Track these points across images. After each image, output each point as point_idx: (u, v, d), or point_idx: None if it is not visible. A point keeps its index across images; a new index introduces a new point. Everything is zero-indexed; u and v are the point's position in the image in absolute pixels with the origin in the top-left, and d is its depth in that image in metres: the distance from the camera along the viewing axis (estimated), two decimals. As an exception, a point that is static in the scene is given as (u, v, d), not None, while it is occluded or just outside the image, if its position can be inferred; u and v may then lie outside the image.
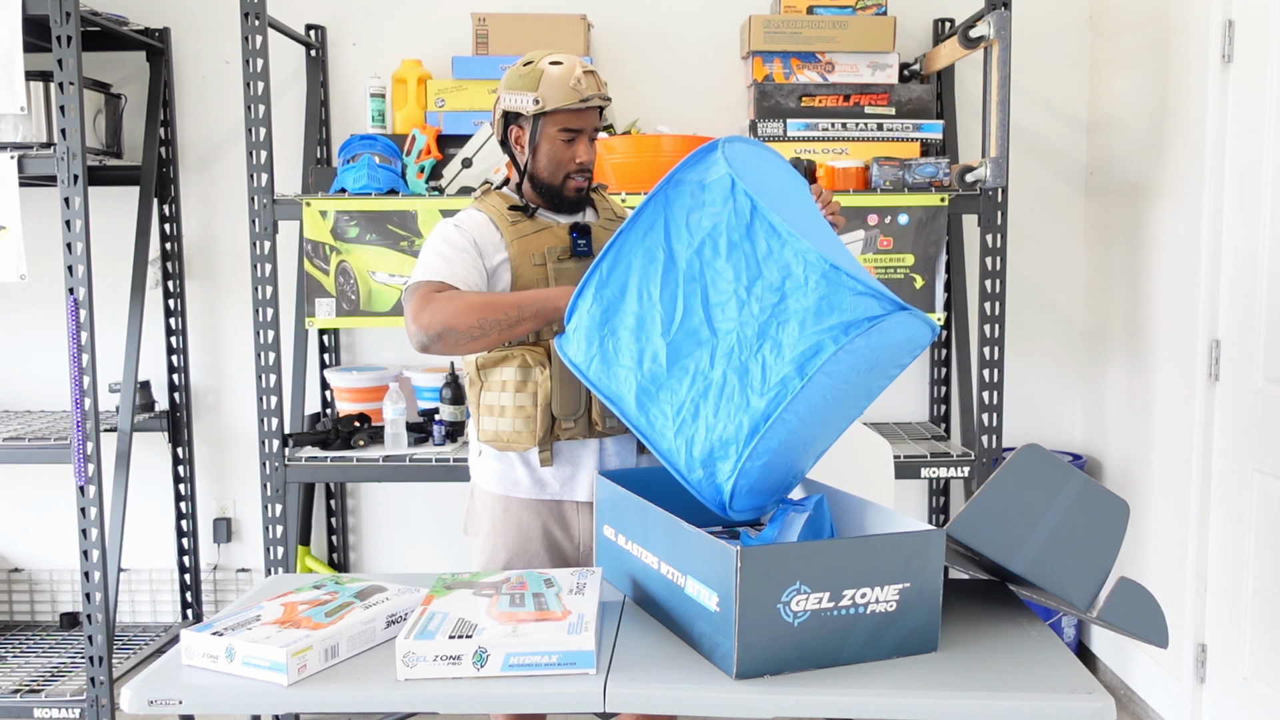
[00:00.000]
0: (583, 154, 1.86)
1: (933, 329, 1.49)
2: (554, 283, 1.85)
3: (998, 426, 2.79)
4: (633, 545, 1.62)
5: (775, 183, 1.57)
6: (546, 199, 1.91)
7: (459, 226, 1.86)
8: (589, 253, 1.88)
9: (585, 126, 1.86)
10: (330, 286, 2.84)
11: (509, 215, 1.88)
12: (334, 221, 2.81)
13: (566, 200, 1.90)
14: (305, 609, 1.49)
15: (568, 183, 1.88)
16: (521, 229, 1.87)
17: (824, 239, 1.52)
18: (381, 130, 3.08)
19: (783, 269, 1.44)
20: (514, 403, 1.86)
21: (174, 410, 3.40)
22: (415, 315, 1.72)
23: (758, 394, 1.44)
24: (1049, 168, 3.35)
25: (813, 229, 1.52)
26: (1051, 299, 3.39)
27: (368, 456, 2.83)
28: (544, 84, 1.82)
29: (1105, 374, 3.25)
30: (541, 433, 1.86)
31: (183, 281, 3.40)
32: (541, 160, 1.87)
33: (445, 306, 1.71)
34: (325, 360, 3.43)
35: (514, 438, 1.87)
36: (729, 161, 1.51)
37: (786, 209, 1.52)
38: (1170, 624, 2.74)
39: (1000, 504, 1.50)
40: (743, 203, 1.49)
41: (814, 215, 1.61)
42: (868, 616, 1.38)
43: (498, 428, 1.88)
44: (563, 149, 1.86)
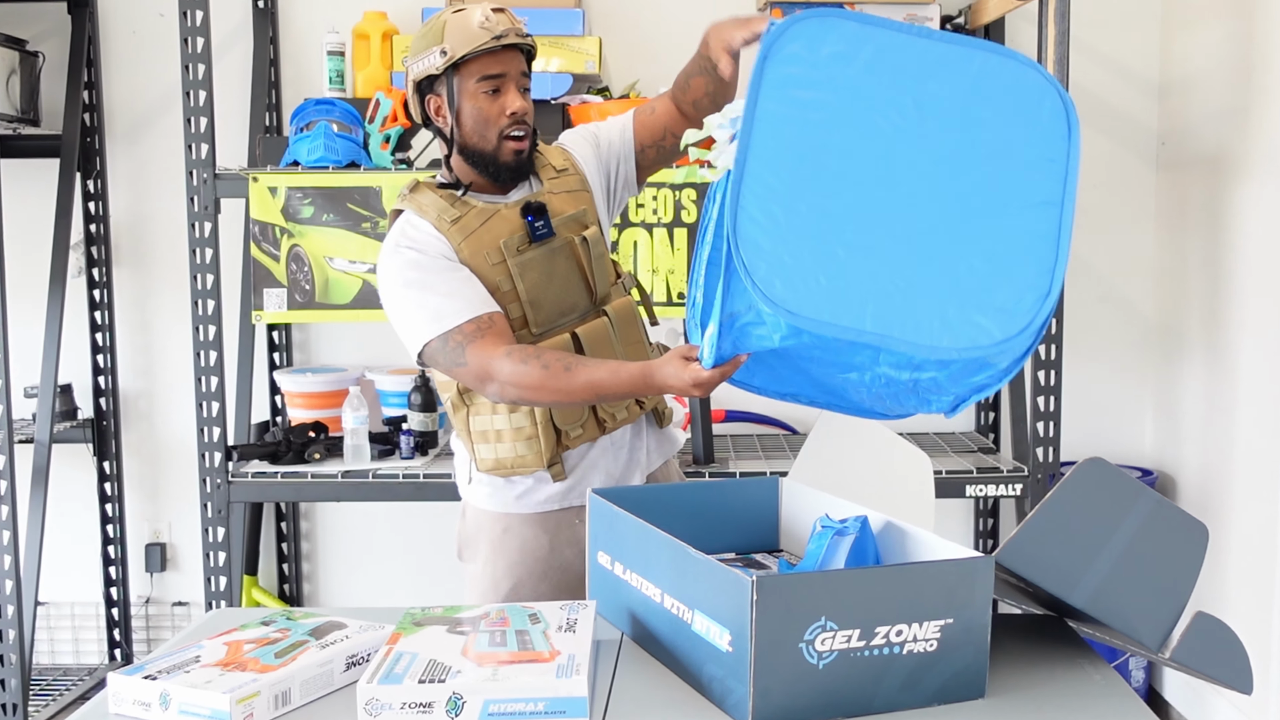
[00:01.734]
0: (513, 103, 1.83)
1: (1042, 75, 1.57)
2: (519, 281, 1.84)
3: (1055, 437, 2.79)
4: (631, 575, 1.62)
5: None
6: (486, 172, 1.87)
7: (413, 248, 1.83)
8: (549, 234, 1.87)
9: (508, 71, 1.83)
10: (281, 275, 2.84)
11: (448, 212, 1.85)
12: (285, 200, 2.81)
13: (506, 167, 1.87)
14: (252, 649, 1.49)
15: (504, 144, 1.85)
16: (466, 225, 1.84)
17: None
18: (340, 94, 3.09)
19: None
20: (510, 425, 1.88)
21: (100, 418, 3.41)
22: (478, 385, 1.80)
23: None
24: (1115, 137, 3.36)
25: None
26: (1118, 289, 3.39)
27: (324, 472, 2.83)
28: (449, 33, 1.81)
29: (1180, 376, 3.25)
30: (549, 451, 1.87)
31: (110, 269, 3.40)
32: (468, 123, 1.84)
33: (515, 380, 1.75)
34: (275, 360, 3.43)
35: (518, 462, 1.89)
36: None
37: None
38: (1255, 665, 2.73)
39: (1058, 527, 1.50)
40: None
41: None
42: (904, 657, 1.38)
43: (498, 455, 1.90)
44: (488, 103, 1.83)
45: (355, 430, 2.88)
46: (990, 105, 1.57)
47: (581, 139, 2.01)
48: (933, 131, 1.57)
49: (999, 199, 1.55)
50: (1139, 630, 1.50)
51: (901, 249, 1.53)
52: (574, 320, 1.90)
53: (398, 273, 1.83)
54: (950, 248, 1.53)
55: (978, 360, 1.51)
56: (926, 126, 1.57)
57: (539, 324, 1.87)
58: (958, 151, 1.57)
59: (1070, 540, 1.50)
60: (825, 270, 1.52)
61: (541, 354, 1.77)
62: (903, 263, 1.53)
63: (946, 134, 1.57)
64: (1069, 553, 1.50)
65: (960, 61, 1.58)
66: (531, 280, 1.85)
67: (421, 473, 2.81)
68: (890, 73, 1.57)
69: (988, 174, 1.55)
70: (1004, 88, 1.58)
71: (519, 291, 1.85)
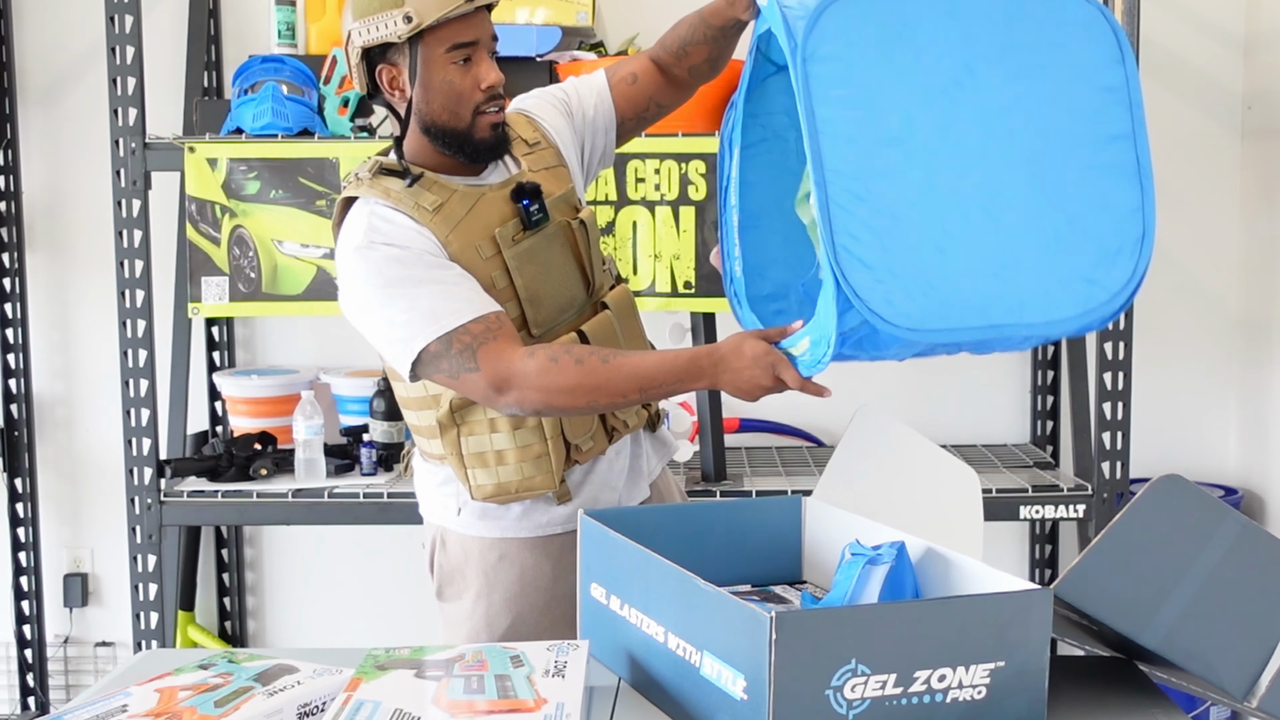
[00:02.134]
0: (488, 75, 1.81)
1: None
2: (517, 276, 1.83)
3: (1124, 450, 2.80)
4: (630, 610, 1.62)
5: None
6: (461, 152, 1.85)
7: (390, 244, 1.78)
8: (545, 219, 1.86)
9: (480, 37, 1.81)
10: (222, 261, 2.84)
11: (426, 198, 1.81)
12: (227, 173, 2.82)
13: (483, 146, 1.85)
14: (188, 696, 1.49)
15: (479, 120, 1.82)
16: (451, 214, 1.81)
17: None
18: (291, 50, 3.09)
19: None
20: (515, 443, 1.87)
21: (10, 428, 3.41)
22: (491, 396, 1.76)
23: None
24: (1192, 101, 3.36)
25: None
26: (1197, 278, 3.39)
27: (272, 490, 2.83)
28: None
29: (1270, 380, 3.25)
30: (560, 469, 1.88)
31: (22, 254, 3.40)
32: (436, 99, 1.81)
33: (546, 384, 1.73)
34: (215, 361, 3.44)
35: (525, 485, 1.89)
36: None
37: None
38: (1357, 717, 2.73)
39: (1127, 555, 1.50)
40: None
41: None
42: (948, 706, 1.38)
43: (499, 479, 1.89)
44: (460, 75, 1.80)
45: (308, 442, 2.88)
46: (1033, 39, 1.66)
47: (550, 106, 2.00)
48: (984, 85, 1.63)
49: (1068, 142, 1.64)
50: (1221, 675, 1.50)
51: (989, 225, 1.63)
52: (573, 316, 1.90)
53: (374, 273, 1.78)
54: (1034, 208, 1.63)
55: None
56: (974, 83, 1.63)
57: (539, 324, 1.86)
58: (1014, 101, 1.64)
59: (1142, 570, 1.50)
60: (932, 273, 1.62)
61: (571, 348, 1.77)
62: (995, 240, 1.63)
63: (997, 84, 1.64)
64: (1140, 585, 1.50)
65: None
66: (530, 274, 1.84)
67: (386, 491, 2.81)
68: (925, 30, 1.64)
69: (1049, 118, 1.64)
70: (1040, 17, 1.66)
71: (516, 288, 1.84)
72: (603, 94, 2.00)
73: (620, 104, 2.01)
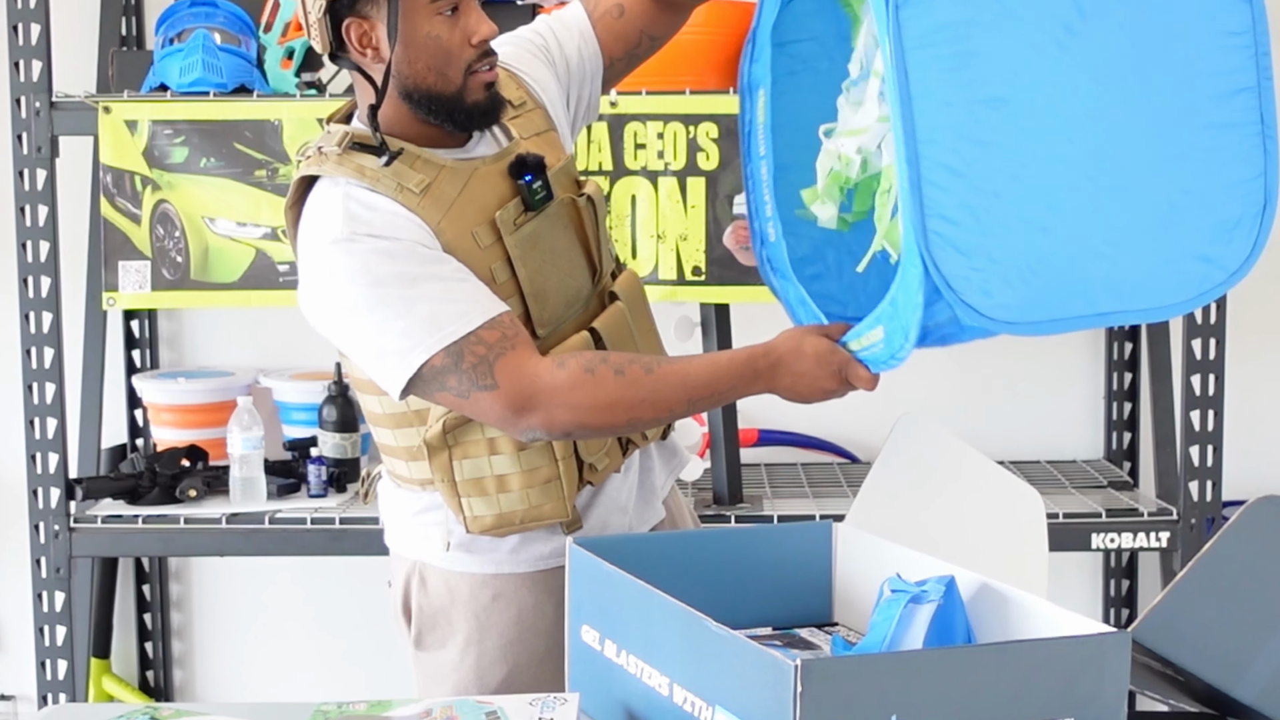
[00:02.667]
0: (480, 26, 1.79)
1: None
2: (520, 267, 1.82)
3: (1215, 468, 2.80)
4: (628, 657, 1.62)
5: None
6: (444, 118, 1.83)
7: (374, 234, 1.76)
8: (549, 197, 1.85)
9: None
10: (143, 243, 2.85)
11: (411, 176, 1.79)
12: (150, 138, 2.82)
13: (478, 110, 1.82)
14: (102, 760, 1.50)
15: (471, 80, 1.80)
16: (441, 194, 1.79)
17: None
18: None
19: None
20: (520, 467, 1.87)
21: (-108, 441, 3.41)
22: (511, 419, 1.75)
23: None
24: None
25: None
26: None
27: (203, 515, 2.83)
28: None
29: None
30: (572, 494, 1.89)
31: (-94, 234, 3.40)
32: (421, 58, 1.79)
33: (583, 401, 1.74)
34: (135, 361, 3.44)
35: (531, 514, 1.89)
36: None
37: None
38: None
39: (1219, 592, 1.51)
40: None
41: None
42: (1006, 772, 1.38)
43: (501, 509, 1.89)
44: (448, 28, 1.78)
45: (246, 457, 2.88)
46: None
47: (530, 56, 1.97)
48: (1095, 30, 1.63)
49: (1185, 96, 1.64)
50: (1331, 734, 1.50)
51: (1097, 197, 1.64)
52: (579, 311, 1.90)
53: (361, 271, 1.75)
54: (1146, 175, 1.64)
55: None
56: (1085, 28, 1.63)
57: (544, 322, 1.85)
58: (1128, 47, 1.64)
59: (1237, 610, 1.50)
60: (1035, 257, 1.63)
61: (607, 357, 1.78)
62: (1103, 214, 1.64)
63: (1110, 28, 1.64)
64: (1234, 627, 1.50)
65: None
66: (535, 264, 1.84)
67: (338, 516, 2.82)
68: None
69: (1166, 67, 1.64)
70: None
71: (520, 280, 1.83)
72: (586, 34, 1.98)
73: (607, 42, 1.98)
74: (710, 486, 2.99)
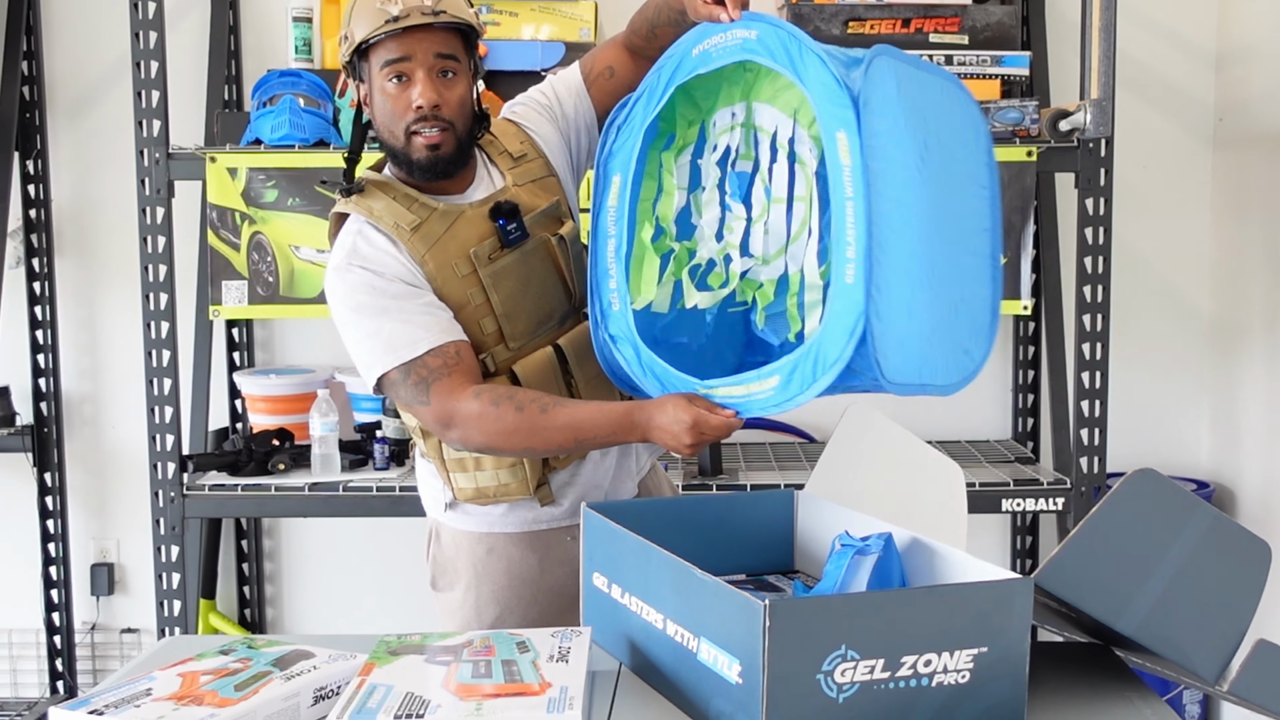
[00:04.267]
0: (421, 95, 1.75)
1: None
2: (493, 293, 1.81)
3: (1101, 446, 2.79)
4: (630, 598, 1.62)
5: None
6: (404, 167, 1.82)
7: (367, 268, 1.77)
8: (523, 237, 1.83)
9: (413, 54, 1.75)
10: (241, 266, 2.84)
11: (407, 217, 1.79)
12: (246, 182, 2.82)
13: (419, 167, 1.79)
14: (210, 680, 1.50)
15: (413, 140, 1.78)
16: (429, 233, 1.79)
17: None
18: (308, 64, 3.09)
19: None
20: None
21: (40, 425, 3.41)
22: (439, 430, 1.78)
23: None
24: (1167, 113, 3.36)
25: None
26: (1170, 282, 3.39)
27: (289, 484, 2.83)
28: (354, 15, 1.76)
29: (1240, 378, 3.25)
30: (536, 475, 1.88)
31: (52, 259, 3.40)
32: (378, 117, 1.80)
33: (486, 427, 1.73)
34: (235, 361, 3.44)
35: (501, 490, 1.89)
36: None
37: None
38: (1323, 700, 2.73)
39: (1104, 545, 1.50)
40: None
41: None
42: (934, 690, 1.38)
43: (477, 483, 1.89)
44: (395, 95, 1.76)
45: (324, 438, 2.88)
46: (953, 126, 1.74)
47: (536, 113, 1.96)
48: (930, 166, 1.68)
49: (961, 230, 1.74)
50: (1194, 660, 1.50)
51: (928, 297, 1.67)
52: (553, 328, 1.88)
53: (347, 295, 1.78)
54: (944, 285, 1.70)
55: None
56: (929, 159, 1.68)
57: (516, 337, 1.85)
58: (941, 185, 1.70)
59: (1118, 560, 1.50)
60: (906, 333, 1.63)
61: (515, 394, 1.75)
62: (926, 310, 1.67)
63: (936, 167, 1.69)
64: (1116, 574, 1.50)
65: (936, 86, 1.74)
66: (506, 291, 1.82)
67: (398, 485, 2.81)
68: (903, 99, 1.66)
69: (955, 206, 1.73)
70: (952, 106, 1.75)
71: (492, 304, 1.82)
72: (580, 93, 1.96)
73: (599, 99, 1.95)
74: (696, 462, 2.99)
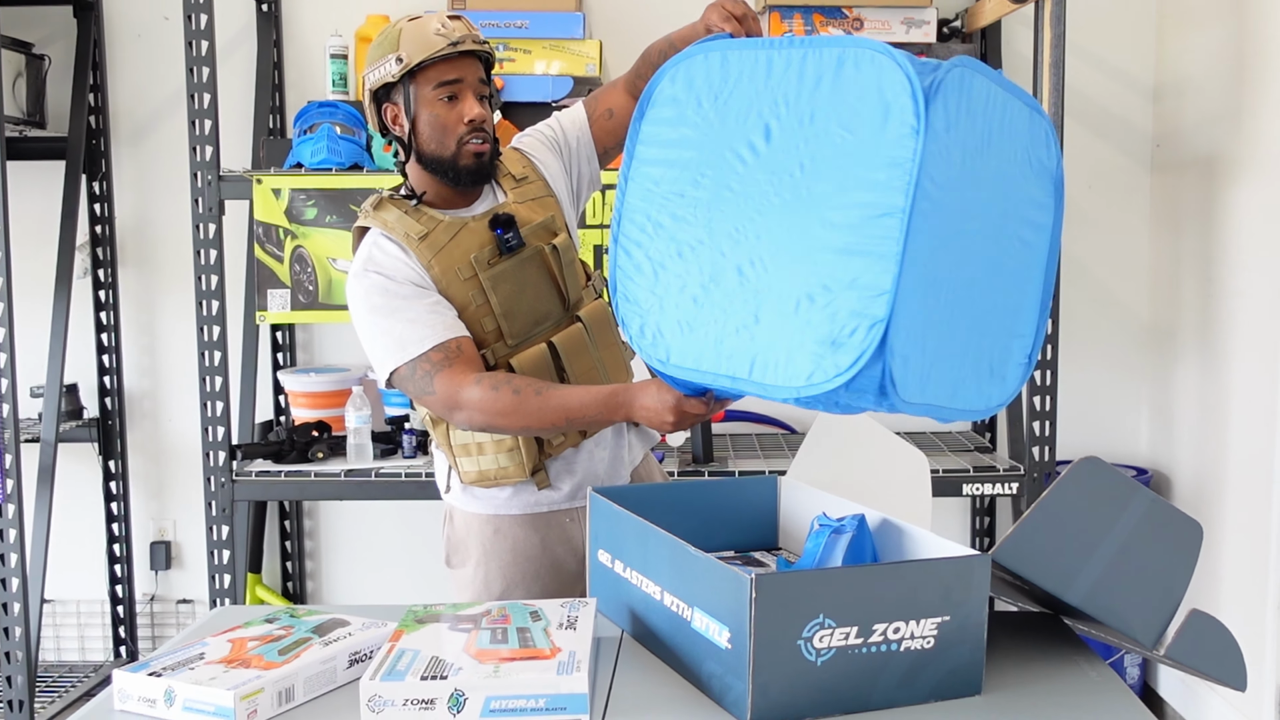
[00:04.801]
0: (471, 110, 1.80)
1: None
2: (491, 295, 1.82)
3: (1050, 436, 2.79)
4: (631, 573, 1.62)
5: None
6: (446, 178, 1.84)
7: (380, 273, 1.80)
8: (519, 245, 1.84)
9: (464, 76, 1.80)
10: (285, 276, 2.84)
11: (416, 228, 1.82)
12: (289, 201, 2.82)
13: (466, 171, 1.83)
14: (256, 646, 1.49)
15: (463, 150, 1.81)
16: (435, 241, 1.81)
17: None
18: (344, 96, 3.09)
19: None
20: (491, 437, 1.86)
21: (105, 418, 3.41)
22: (446, 413, 1.78)
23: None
24: (1109, 140, 3.35)
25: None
26: (1112, 291, 3.39)
27: (327, 471, 2.83)
28: (404, 41, 1.78)
29: (1174, 377, 3.25)
30: (532, 460, 1.87)
31: (115, 270, 3.40)
32: (424, 131, 1.81)
33: (486, 408, 1.73)
34: (279, 360, 3.43)
35: (501, 474, 1.88)
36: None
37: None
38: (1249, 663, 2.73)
39: (1054, 525, 1.50)
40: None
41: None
42: (901, 654, 1.38)
43: (480, 467, 1.89)
44: (446, 110, 1.80)
45: (358, 430, 2.88)
46: (824, 114, 1.39)
47: (539, 144, 1.98)
48: (771, 154, 1.44)
49: (826, 216, 1.37)
50: (1134, 628, 1.50)
51: (743, 285, 1.45)
52: (548, 329, 1.88)
53: (363, 298, 1.81)
54: (786, 275, 1.41)
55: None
56: (767, 150, 1.44)
57: (514, 335, 1.85)
58: (790, 171, 1.42)
59: (1066, 539, 1.50)
60: (686, 319, 1.51)
61: (512, 379, 1.76)
62: (745, 300, 1.45)
63: (781, 155, 1.43)
64: (1064, 551, 1.50)
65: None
66: (504, 293, 1.83)
67: (424, 471, 2.81)
68: (741, 91, 1.47)
69: (819, 191, 1.38)
70: (851, 88, 1.37)
71: (492, 305, 1.83)
72: (583, 129, 1.98)
73: (599, 136, 1.98)
74: (690, 450, 2.99)
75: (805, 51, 1.41)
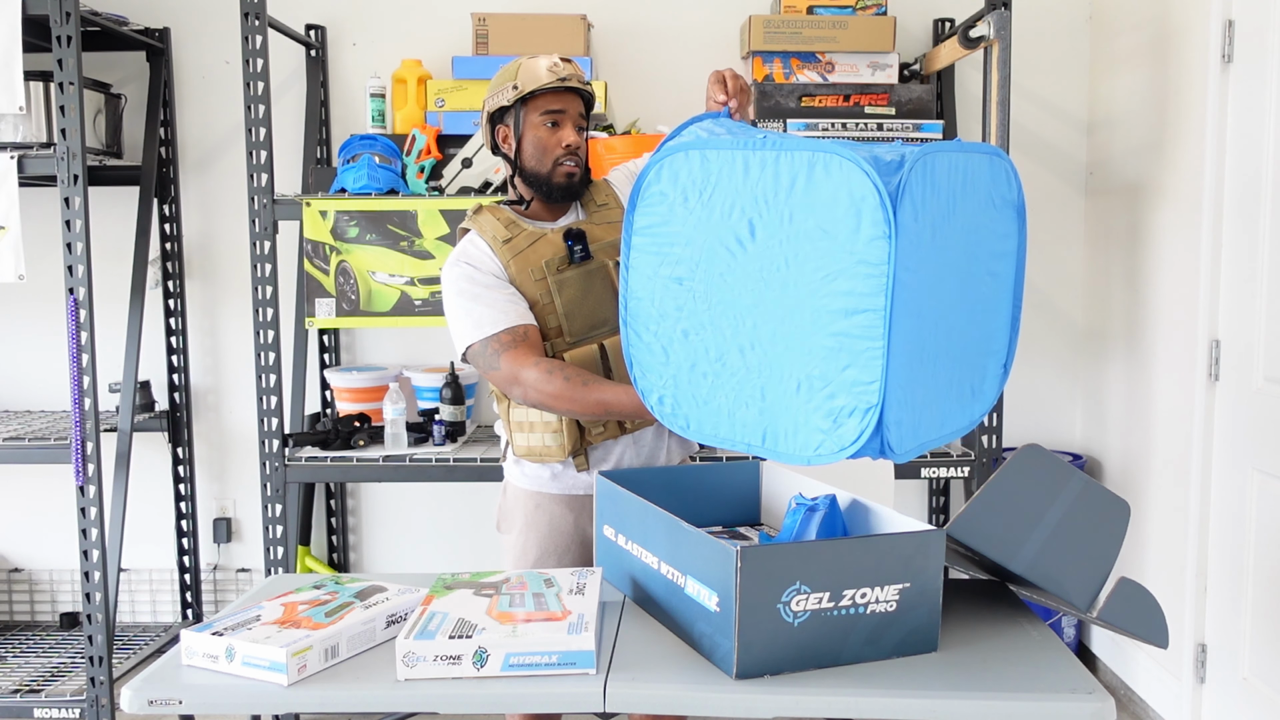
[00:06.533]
0: (568, 137, 1.87)
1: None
2: (556, 297, 1.85)
3: (998, 426, 2.79)
4: (632, 545, 1.62)
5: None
6: (539, 191, 1.90)
7: (469, 264, 1.86)
8: (587, 257, 1.88)
9: (567, 109, 1.87)
10: (330, 286, 2.84)
11: (503, 234, 1.88)
12: (334, 221, 2.81)
13: (558, 188, 1.89)
14: (305, 609, 1.50)
15: (557, 169, 1.88)
16: (516, 246, 1.88)
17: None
18: (381, 130, 3.08)
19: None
20: (541, 417, 1.88)
21: (174, 410, 3.40)
22: (506, 387, 1.80)
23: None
24: (1049, 167, 3.35)
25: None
26: (1052, 299, 3.39)
27: (368, 456, 2.83)
28: (522, 72, 1.86)
29: (1105, 374, 3.25)
30: (571, 444, 1.87)
31: (183, 281, 3.40)
32: (528, 149, 1.88)
33: (539, 388, 1.76)
34: (325, 360, 3.43)
35: (546, 451, 1.89)
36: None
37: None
38: (1170, 624, 2.74)
39: (1000, 504, 1.50)
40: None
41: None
42: (868, 616, 1.38)
43: (529, 443, 1.90)
44: (547, 134, 1.87)
45: (394, 420, 2.88)
46: (804, 210, 1.34)
47: (624, 177, 2.03)
48: (758, 248, 1.39)
49: (816, 306, 1.35)
50: (1070, 593, 1.50)
51: (747, 363, 1.43)
52: (604, 333, 1.89)
53: (454, 282, 1.86)
54: (785, 357, 1.39)
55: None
56: (754, 244, 1.39)
57: (573, 334, 1.87)
58: (775, 264, 1.38)
59: (1011, 516, 1.50)
60: (701, 394, 1.48)
61: (565, 368, 1.77)
62: (752, 376, 1.43)
63: (766, 249, 1.38)
64: (1010, 526, 1.50)
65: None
66: (568, 296, 1.86)
67: (452, 457, 2.81)
68: (725, 187, 1.41)
69: (805, 282, 1.35)
70: (823, 189, 1.32)
71: (556, 305, 1.86)
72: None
73: None
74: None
75: (778, 154, 1.35)
